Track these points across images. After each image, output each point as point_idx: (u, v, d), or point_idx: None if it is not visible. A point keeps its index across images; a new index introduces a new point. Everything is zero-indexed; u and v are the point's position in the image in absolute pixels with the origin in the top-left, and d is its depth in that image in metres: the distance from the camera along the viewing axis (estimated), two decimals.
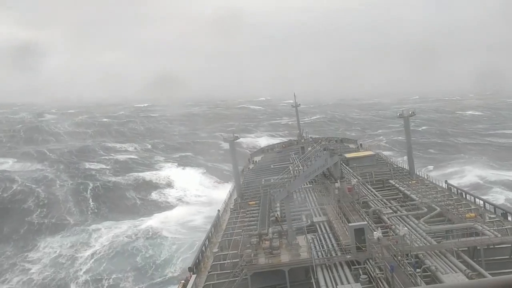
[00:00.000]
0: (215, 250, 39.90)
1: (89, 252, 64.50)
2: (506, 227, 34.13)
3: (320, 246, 34.76)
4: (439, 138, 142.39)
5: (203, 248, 41.37)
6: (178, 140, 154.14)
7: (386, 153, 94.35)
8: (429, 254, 30.22)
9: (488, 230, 32.40)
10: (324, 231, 38.59)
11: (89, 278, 56.79)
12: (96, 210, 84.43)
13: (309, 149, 62.66)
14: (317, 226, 40.22)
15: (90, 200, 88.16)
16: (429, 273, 27.88)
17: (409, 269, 27.17)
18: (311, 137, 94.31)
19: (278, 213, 44.43)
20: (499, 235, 31.53)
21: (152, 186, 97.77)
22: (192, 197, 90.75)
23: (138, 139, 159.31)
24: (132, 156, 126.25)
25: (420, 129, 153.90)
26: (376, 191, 50.04)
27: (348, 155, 67.56)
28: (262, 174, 70.34)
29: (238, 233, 41.99)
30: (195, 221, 74.02)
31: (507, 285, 2.03)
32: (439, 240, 32.79)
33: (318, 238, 36.65)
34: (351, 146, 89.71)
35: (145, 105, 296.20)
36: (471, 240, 31.69)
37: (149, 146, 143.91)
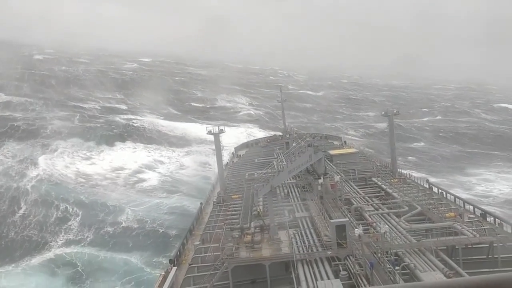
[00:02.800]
0: (197, 243, 39.84)
1: None
2: (484, 227, 34.65)
3: (302, 242, 34.91)
4: None
5: (185, 241, 41.28)
6: None
7: None
8: (409, 252, 30.56)
9: (467, 230, 32.87)
10: (306, 226, 38.76)
11: None
12: None
13: (294, 144, 62.79)
14: (299, 221, 40.36)
15: None
16: (408, 270, 28.22)
17: (388, 266, 27.43)
18: (296, 133, 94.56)
19: (261, 207, 44.49)
20: (477, 235, 32.01)
21: None
22: None
23: None
24: None
25: None
26: (359, 188, 50.39)
27: (332, 152, 67.92)
28: (246, 168, 70.34)
29: (220, 226, 41.97)
30: None
31: (483, 285, 2.05)
32: (419, 238, 33.19)
33: (299, 234, 36.80)
34: (335, 143, 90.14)
35: None
36: (450, 239, 32.14)
37: None
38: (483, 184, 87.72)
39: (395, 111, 57.67)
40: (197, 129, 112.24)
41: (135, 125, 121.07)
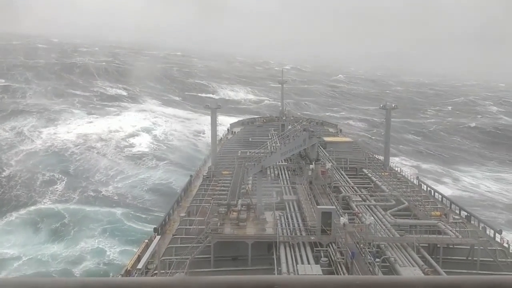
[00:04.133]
0: (183, 214, 40.00)
1: None
2: (467, 229, 35.04)
3: (286, 224, 35.14)
4: None
5: (171, 211, 41.45)
6: None
7: None
8: (391, 245, 30.88)
9: (450, 230, 33.21)
10: (292, 210, 38.96)
11: None
12: None
13: (289, 127, 62.76)
14: (286, 204, 40.57)
15: None
16: (388, 264, 28.56)
17: (369, 257, 27.74)
18: (292, 116, 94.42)
19: (250, 186, 44.61)
20: (460, 236, 32.38)
21: None
22: None
23: None
24: None
25: None
26: (349, 178, 50.58)
27: (326, 139, 67.96)
28: (240, 146, 70.28)
29: (207, 200, 42.11)
30: None
31: (459, 285, 2.07)
32: (402, 233, 33.47)
33: (285, 216, 37.02)
34: (331, 130, 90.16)
35: None
36: (433, 237, 32.49)
37: None
38: None
39: (393, 105, 57.67)
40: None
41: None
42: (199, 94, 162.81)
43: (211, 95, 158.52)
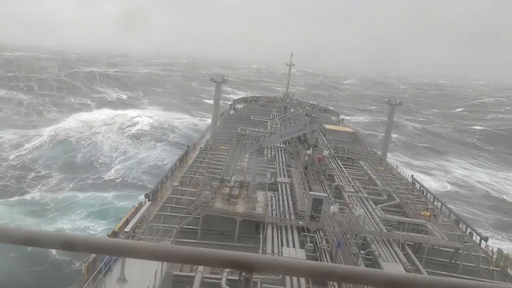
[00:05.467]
0: (175, 183, 40.18)
1: None
2: (454, 233, 35.32)
3: (277, 206, 35.34)
4: None
5: (164, 179, 41.61)
6: None
7: None
8: (377, 239, 31.09)
9: (437, 232, 33.45)
10: (284, 192, 39.13)
11: None
12: None
13: (292, 110, 62.65)
14: (279, 186, 40.74)
15: None
16: (372, 257, 28.81)
17: (354, 249, 27.97)
18: (296, 99, 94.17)
19: (245, 164, 44.73)
20: (446, 239, 32.62)
21: None
22: None
23: None
24: None
25: None
26: (344, 167, 50.72)
27: (327, 126, 67.94)
28: (240, 122, 70.25)
29: (201, 173, 42.24)
30: None
31: (438, 285, 2.10)
32: (390, 229, 33.72)
33: (276, 198, 37.19)
34: (333, 118, 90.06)
35: None
36: (419, 236, 32.73)
37: None
38: None
39: (398, 101, 57.50)
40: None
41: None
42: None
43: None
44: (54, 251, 36.52)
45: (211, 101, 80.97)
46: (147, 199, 34.85)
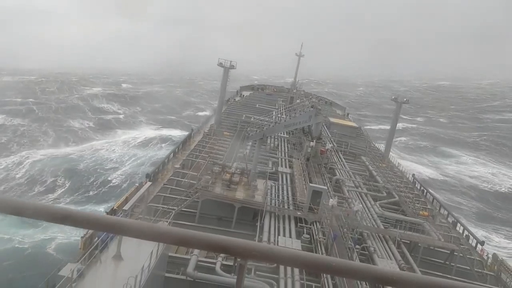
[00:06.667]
0: (177, 166, 40.29)
1: None
2: (451, 234, 35.39)
3: (276, 195, 35.45)
4: None
5: (166, 161, 41.73)
6: None
7: None
8: (373, 235, 31.20)
9: (434, 232, 33.54)
10: (284, 182, 39.21)
11: None
12: None
13: (298, 101, 62.50)
14: (280, 175, 40.81)
15: None
16: (367, 252, 28.94)
17: (350, 243, 28.07)
18: (303, 90, 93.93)
19: (248, 151, 44.78)
20: (442, 240, 32.71)
21: None
22: None
23: None
24: None
25: None
26: (346, 162, 50.72)
27: (332, 119, 67.80)
28: (245, 110, 70.17)
29: (203, 157, 42.35)
30: None
31: (430, 286, 2.11)
32: (387, 226, 33.85)
33: (276, 187, 37.30)
34: (339, 112, 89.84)
35: None
36: (415, 235, 32.83)
37: None
38: None
39: (405, 99, 57.29)
40: None
41: None
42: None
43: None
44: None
45: None
46: (148, 179, 34.98)
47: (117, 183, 55.88)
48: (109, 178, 56.75)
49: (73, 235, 37.40)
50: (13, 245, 37.68)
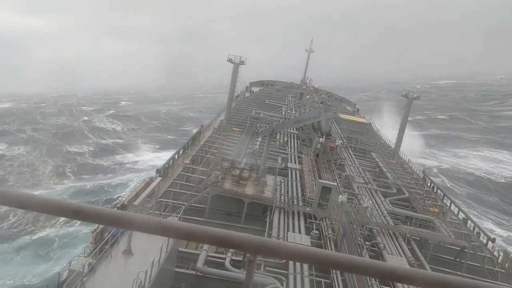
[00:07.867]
0: (187, 161, 40.44)
1: None
2: (461, 231, 35.16)
3: (286, 191, 35.44)
4: None
5: (176, 156, 41.89)
6: None
7: None
8: (383, 232, 31.10)
9: (444, 229, 33.34)
10: (294, 178, 39.19)
11: None
12: None
13: (307, 97, 62.32)
14: (289, 171, 40.80)
15: None
16: (376, 249, 28.85)
17: (359, 239, 28.01)
18: (313, 86, 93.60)
19: (257, 147, 44.79)
20: (453, 237, 32.50)
21: None
22: None
23: None
24: None
25: None
26: (356, 158, 50.53)
27: (342, 116, 67.49)
28: (255, 105, 70.18)
29: (213, 153, 42.44)
30: None
31: (444, 284, 2.09)
32: (397, 223, 33.68)
33: (286, 183, 37.28)
34: (348, 108, 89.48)
35: None
36: (425, 232, 32.66)
37: None
38: None
39: (416, 95, 56.90)
40: None
41: None
42: None
43: None
44: None
45: None
46: (158, 175, 35.14)
47: None
48: None
49: None
50: None
